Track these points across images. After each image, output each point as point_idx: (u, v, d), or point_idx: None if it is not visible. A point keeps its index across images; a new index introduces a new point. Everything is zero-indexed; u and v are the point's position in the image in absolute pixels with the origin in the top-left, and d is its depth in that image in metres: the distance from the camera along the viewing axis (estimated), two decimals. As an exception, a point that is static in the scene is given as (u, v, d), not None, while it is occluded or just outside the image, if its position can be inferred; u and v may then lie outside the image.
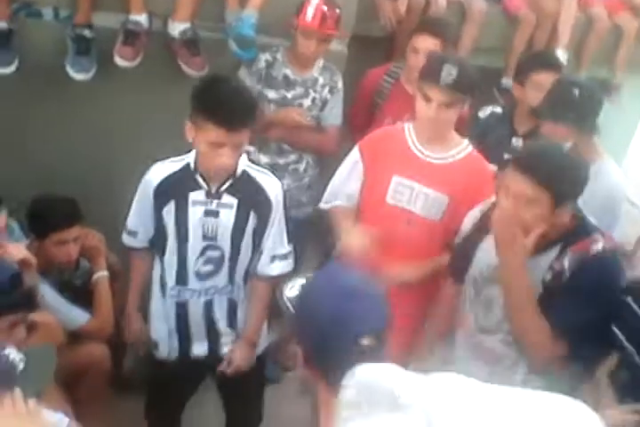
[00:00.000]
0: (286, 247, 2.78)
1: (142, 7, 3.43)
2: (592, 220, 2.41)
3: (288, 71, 3.57)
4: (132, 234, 2.77)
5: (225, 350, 2.82)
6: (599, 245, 2.29)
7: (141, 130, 3.63)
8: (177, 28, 3.48)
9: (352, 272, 1.66)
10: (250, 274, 2.76)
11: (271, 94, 3.56)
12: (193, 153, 2.61)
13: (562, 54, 4.48)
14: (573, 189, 2.26)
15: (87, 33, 3.38)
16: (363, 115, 3.75)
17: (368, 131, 3.45)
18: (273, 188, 2.68)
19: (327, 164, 3.64)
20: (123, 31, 3.42)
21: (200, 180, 2.60)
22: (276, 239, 2.74)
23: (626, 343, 2.18)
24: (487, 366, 2.43)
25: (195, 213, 2.61)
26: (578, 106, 2.91)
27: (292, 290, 1.64)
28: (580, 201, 2.64)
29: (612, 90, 4.80)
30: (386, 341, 1.58)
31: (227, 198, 2.62)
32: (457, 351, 2.56)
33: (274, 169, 2.98)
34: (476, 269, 2.51)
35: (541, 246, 2.30)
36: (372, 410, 0.79)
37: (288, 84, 3.57)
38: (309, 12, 3.41)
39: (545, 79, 3.28)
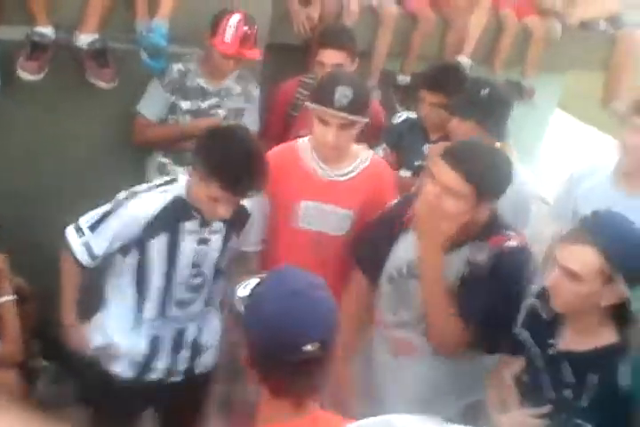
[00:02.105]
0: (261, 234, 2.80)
1: (47, 19, 3.32)
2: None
3: (202, 81, 3.52)
4: (93, 256, 2.59)
5: (177, 378, 2.76)
6: (514, 242, 2.37)
7: (53, 144, 3.53)
8: (84, 39, 3.40)
9: (304, 276, 1.64)
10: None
11: (185, 105, 3.51)
12: (182, 182, 2.55)
13: (465, 61, 4.56)
14: (498, 187, 2.33)
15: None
16: (277, 126, 3.73)
17: (284, 142, 3.45)
18: (249, 201, 2.66)
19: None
20: (28, 44, 3.32)
21: (194, 211, 2.54)
22: (254, 230, 2.76)
23: (531, 347, 2.23)
24: (410, 360, 2.49)
25: (188, 243, 2.56)
26: (485, 105, 2.98)
27: (244, 289, 1.62)
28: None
29: (526, 93, 4.90)
30: (331, 351, 1.57)
31: (216, 224, 2.60)
32: (375, 347, 2.57)
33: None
34: (392, 266, 2.53)
35: (458, 242, 2.35)
36: None
37: (202, 94, 3.52)
38: (228, 33, 3.32)
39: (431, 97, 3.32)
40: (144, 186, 2.60)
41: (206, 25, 3.39)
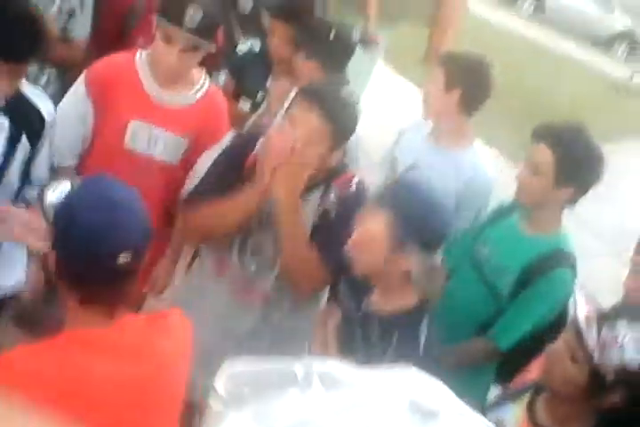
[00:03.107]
0: (46, 175, 2.53)
1: None
2: None
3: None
4: None
5: None
6: (357, 180, 2.41)
7: None
8: None
9: (117, 185, 1.63)
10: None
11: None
12: None
13: None
14: (352, 129, 2.35)
15: None
16: (111, 34, 3.48)
17: (116, 50, 3.24)
18: (47, 107, 2.44)
19: (71, 79, 3.36)
20: None
21: None
22: (41, 165, 2.49)
23: (349, 300, 2.27)
24: (256, 306, 2.47)
25: None
26: (332, 46, 3.01)
27: (54, 194, 1.57)
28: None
29: (370, 41, 4.96)
30: (142, 260, 1.59)
31: None
32: (225, 296, 2.53)
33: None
34: None
35: (309, 187, 2.34)
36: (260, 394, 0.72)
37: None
38: None
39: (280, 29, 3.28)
40: None
41: None
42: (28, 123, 2.39)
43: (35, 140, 2.42)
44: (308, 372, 0.74)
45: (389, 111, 5.65)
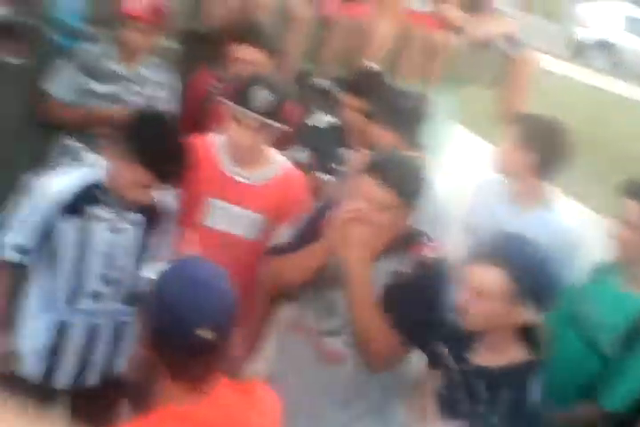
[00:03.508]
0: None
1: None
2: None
3: (114, 65, 3.40)
4: (23, 250, 2.48)
5: (89, 382, 2.62)
6: (432, 250, 2.40)
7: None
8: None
9: (205, 265, 1.72)
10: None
11: (96, 88, 3.37)
12: (98, 166, 2.48)
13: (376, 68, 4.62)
14: (420, 197, 2.36)
15: None
16: (191, 117, 3.62)
17: (198, 132, 3.36)
18: (171, 200, 2.62)
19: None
20: None
21: (109, 196, 2.46)
22: (164, 248, 2.64)
23: (449, 360, 2.26)
24: (331, 367, 2.44)
25: (99, 230, 2.46)
26: (406, 114, 3.05)
27: (153, 273, 1.69)
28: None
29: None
30: (228, 338, 1.64)
31: (133, 215, 2.51)
32: (304, 355, 2.53)
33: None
34: (322, 273, 2.49)
35: (383, 253, 2.36)
36: None
37: (114, 78, 3.40)
38: (135, 1, 3.28)
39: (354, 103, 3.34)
40: (58, 169, 2.55)
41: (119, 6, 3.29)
42: (156, 216, 2.58)
43: (160, 230, 2.61)
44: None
45: (467, 170, 5.64)
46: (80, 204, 2.45)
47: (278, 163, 2.84)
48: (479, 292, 2.09)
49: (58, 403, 2.74)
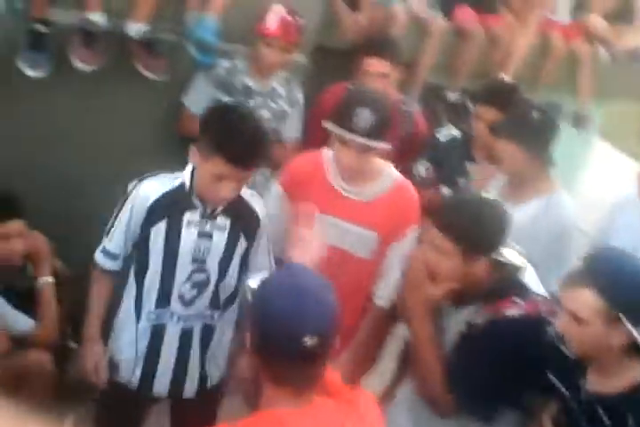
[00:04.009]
0: (271, 266, 2.68)
1: (98, 5, 3.30)
2: (531, 276, 2.35)
3: (248, 80, 3.50)
4: (113, 257, 2.57)
5: (187, 391, 2.66)
6: (514, 311, 2.23)
7: (98, 133, 3.50)
8: (135, 28, 3.38)
9: (309, 274, 1.76)
10: (231, 299, 2.63)
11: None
12: (187, 171, 2.49)
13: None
14: (487, 243, 2.24)
15: (42, 28, 3.24)
16: (320, 132, 3.65)
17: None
18: (261, 207, 2.62)
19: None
20: (80, 31, 3.30)
21: (196, 200, 2.48)
22: (262, 259, 2.65)
23: (562, 389, 2.16)
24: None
25: (188, 235, 2.48)
26: (534, 128, 2.95)
27: (255, 281, 1.75)
28: (531, 233, 2.62)
29: (583, 121, 4.85)
30: (330, 346, 1.65)
31: (221, 220, 2.52)
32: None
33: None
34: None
35: (462, 300, 2.28)
36: None
37: (247, 93, 3.50)
38: (272, 20, 3.38)
39: (487, 113, 3.30)
40: (153, 173, 2.55)
41: (255, 24, 3.40)
42: (245, 223, 2.56)
43: (251, 237, 2.59)
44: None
45: (610, 189, 5.40)
46: (169, 208, 2.47)
47: (389, 177, 2.79)
48: (575, 315, 2.00)
49: (155, 412, 2.82)
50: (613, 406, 2.01)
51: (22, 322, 2.94)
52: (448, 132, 3.55)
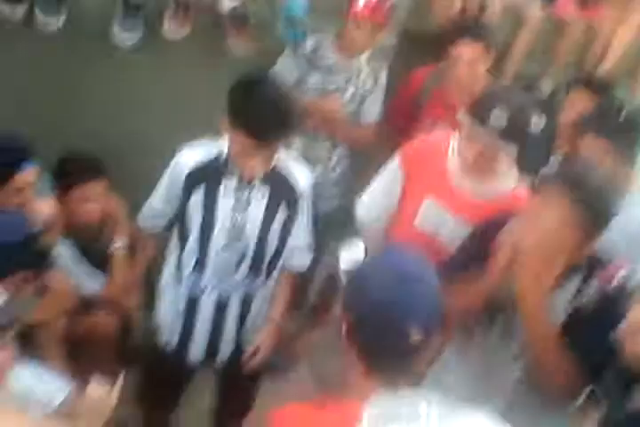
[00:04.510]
0: (308, 240, 2.71)
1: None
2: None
3: (334, 58, 3.50)
4: (154, 218, 2.68)
5: (222, 358, 2.72)
6: (622, 273, 2.19)
7: (181, 105, 3.57)
8: (227, 4, 3.43)
9: (412, 258, 1.61)
10: (271, 269, 2.66)
11: (313, 79, 3.49)
12: (226, 140, 2.51)
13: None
14: (609, 220, 2.16)
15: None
16: (402, 114, 3.65)
17: (406, 130, 3.37)
18: (303, 178, 2.62)
19: (359, 158, 3.58)
20: (173, 2, 3.37)
21: (233, 168, 2.51)
22: (301, 231, 2.67)
23: (614, 395, 2.04)
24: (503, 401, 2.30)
25: (225, 202, 2.52)
26: (622, 124, 2.88)
27: (348, 257, 1.57)
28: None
29: None
30: (433, 339, 1.53)
31: (259, 188, 2.53)
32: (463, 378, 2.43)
33: (306, 156, 2.90)
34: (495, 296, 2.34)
35: (564, 277, 2.19)
36: None
37: (331, 71, 3.50)
38: (363, 0, 3.34)
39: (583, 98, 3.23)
40: (198, 141, 2.59)
41: (346, 1, 3.39)
42: (285, 192, 2.57)
43: (292, 209, 2.60)
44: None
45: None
46: (208, 175, 2.50)
47: (510, 180, 2.65)
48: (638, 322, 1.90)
49: (192, 377, 2.87)
50: None
51: (92, 281, 3.03)
52: (538, 122, 3.46)
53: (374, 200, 2.82)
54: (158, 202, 2.64)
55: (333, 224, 3.52)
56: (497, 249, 2.25)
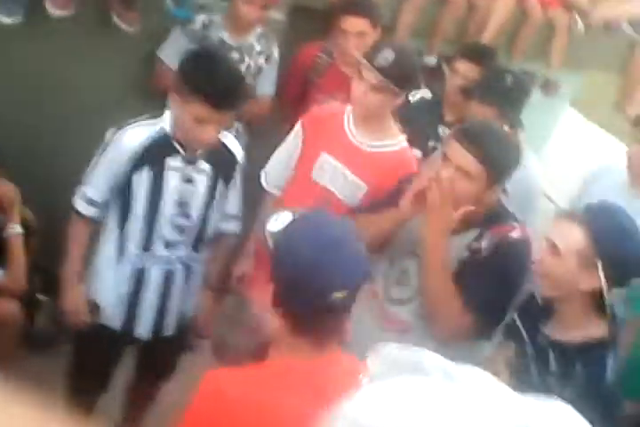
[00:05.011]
0: (238, 209, 2.81)
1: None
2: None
3: (224, 35, 3.49)
4: (93, 203, 2.62)
5: (167, 332, 2.75)
6: (517, 232, 2.36)
7: (69, 81, 3.46)
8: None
9: (337, 222, 1.66)
10: (208, 239, 2.73)
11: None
12: (166, 117, 2.53)
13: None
14: (509, 170, 2.33)
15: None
16: (295, 89, 3.70)
17: (300, 105, 3.41)
18: (238, 150, 2.70)
19: (256, 133, 3.59)
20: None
21: (177, 145, 2.53)
22: (235, 199, 2.76)
23: (523, 333, 2.23)
24: (398, 337, 2.43)
25: (171, 180, 2.55)
26: (507, 91, 3.03)
27: (274, 224, 1.62)
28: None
29: (551, 86, 4.87)
30: (355, 298, 1.59)
31: (201, 164, 2.59)
32: (367, 321, 2.54)
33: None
34: (398, 242, 2.52)
35: (462, 226, 2.34)
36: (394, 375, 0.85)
37: (223, 48, 3.48)
38: None
39: (465, 68, 3.34)
40: (131, 121, 2.58)
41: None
42: (224, 167, 2.65)
43: (228, 180, 2.69)
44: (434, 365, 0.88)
45: (578, 158, 5.46)
46: (152, 154, 2.52)
47: (399, 139, 2.86)
48: (553, 247, 2.05)
49: (135, 351, 2.87)
50: (564, 355, 2.07)
51: None
52: (418, 94, 3.57)
53: (277, 167, 2.96)
54: (98, 188, 2.60)
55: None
56: (403, 196, 2.39)
